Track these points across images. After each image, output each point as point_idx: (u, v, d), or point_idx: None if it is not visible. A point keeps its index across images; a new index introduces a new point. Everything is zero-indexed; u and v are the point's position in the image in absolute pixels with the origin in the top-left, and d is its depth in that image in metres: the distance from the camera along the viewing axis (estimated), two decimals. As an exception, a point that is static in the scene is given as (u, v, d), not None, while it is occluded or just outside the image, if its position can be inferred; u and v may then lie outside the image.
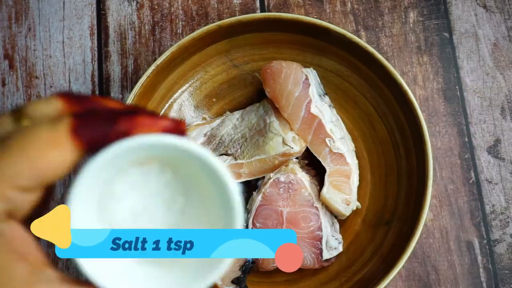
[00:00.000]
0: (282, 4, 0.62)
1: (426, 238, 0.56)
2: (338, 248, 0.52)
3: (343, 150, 0.53)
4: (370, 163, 0.56)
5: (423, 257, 0.56)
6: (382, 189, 0.55)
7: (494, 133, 0.59)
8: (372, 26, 0.62)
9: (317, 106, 0.53)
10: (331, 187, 0.53)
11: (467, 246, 0.56)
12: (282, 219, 0.52)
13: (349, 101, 0.57)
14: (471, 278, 0.55)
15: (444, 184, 0.58)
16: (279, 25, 0.55)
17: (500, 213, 0.57)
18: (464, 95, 0.60)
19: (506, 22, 0.62)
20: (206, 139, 0.55)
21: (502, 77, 0.60)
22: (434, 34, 0.61)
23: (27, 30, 0.63)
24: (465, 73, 0.61)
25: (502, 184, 0.58)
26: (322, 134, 0.53)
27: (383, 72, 0.54)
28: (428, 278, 0.56)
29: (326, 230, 0.52)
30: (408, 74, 0.61)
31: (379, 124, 0.56)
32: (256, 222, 0.52)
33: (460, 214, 0.57)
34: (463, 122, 0.59)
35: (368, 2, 0.62)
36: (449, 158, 0.58)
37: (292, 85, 0.53)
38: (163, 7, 0.63)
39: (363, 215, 0.55)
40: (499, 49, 0.61)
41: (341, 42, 0.54)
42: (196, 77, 0.58)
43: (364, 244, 0.54)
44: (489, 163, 0.58)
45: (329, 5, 0.62)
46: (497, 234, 0.56)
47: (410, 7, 0.62)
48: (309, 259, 0.51)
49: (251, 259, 0.52)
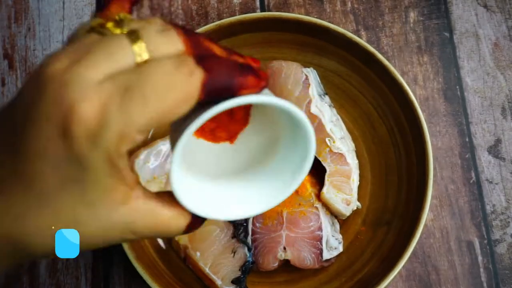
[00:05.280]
0: (282, 3, 0.62)
1: (426, 238, 0.56)
2: (338, 248, 0.52)
3: (343, 150, 0.53)
4: (370, 163, 0.56)
5: (423, 257, 0.56)
6: (382, 189, 0.55)
7: (495, 133, 0.59)
8: (373, 25, 0.62)
9: (317, 106, 0.53)
10: (331, 187, 0.52)
11: (468, 246, 0.56)
12: (282, 219, 0.51)
13: (349, 101, 0.57)
14: (471, 278, 0.55)
15: (445, 184, 0.58)
16: (279, 25, 0.55)
17: (500, 213, 0.57)
18: (465, 95, 0.60)
19: (507, 22, 0.61)
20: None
21: (503, 77, 0.60)
22: (434, 33, 0.61)
23: (26, 30, 0.63)
24: (466, 73, 0.60)
25: (502, 184, 0.57)
26: (322, 134, 0.53)
27: (383, 72, 0.54)
28: (429, 278, 0.56)
29: (326, 230, 0.52)
30: (409, 74, 0.60)
31: (379, 124, 0.56)
32: (256, 222, 0.52)
33: (461, 214, 0.57)
34: (464, 122, 0.59)
35: (369, 2, 0.62)
36: (449, 158, 0.58)
37: (292, 85, 0.52)
38: (163, 7, 0.63)
39: (363, 215, 0.55)
40: (499, 49, 0.61)
41: (341, 41, 0.54)
42: (196, 77, 0.58)
43: (365, 244, 0.54)
44: (490, 163, 0.58)
45: (329, 4, 0.62)
46: (498, 234, 0.56)
47: (411, 6, 0.62)
48: (309, 259, 0.51)
49: (251, 259, 0.51)
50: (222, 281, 0.51)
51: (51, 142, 0.25)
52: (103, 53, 0.26)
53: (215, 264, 0.51)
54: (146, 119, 0.25)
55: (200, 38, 0.29)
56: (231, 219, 0.31)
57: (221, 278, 0.51)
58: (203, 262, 0.51)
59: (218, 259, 0.51)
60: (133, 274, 0.56)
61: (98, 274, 0.57)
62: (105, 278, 0.57)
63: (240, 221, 0.53)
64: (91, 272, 0.57)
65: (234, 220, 0.53)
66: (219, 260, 0.51)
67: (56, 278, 0.57)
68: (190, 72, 0.26)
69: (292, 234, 0.51)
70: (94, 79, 0.25)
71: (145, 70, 0.26)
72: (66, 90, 0.25)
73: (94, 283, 0.56)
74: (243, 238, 0.52)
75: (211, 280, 0.51)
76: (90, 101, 0.25)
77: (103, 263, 0.57)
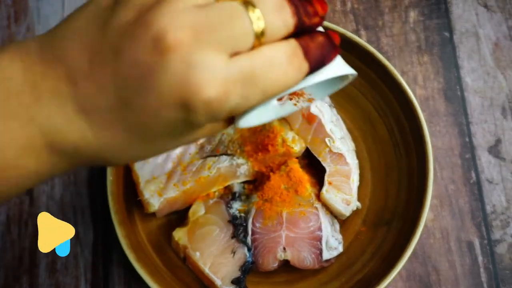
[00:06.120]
0: (282, 3, 0.62)
1: (426, 238, 0.56)
2: (338, 248, 0.52)
3: (343, 150, 0.52)
4: (370, 163, 0.56)
5: (423, 257, 0.56)
6: (382, 189, 0.55)
7: (495, 133, 0.59)
8: (372, 25, 0.62)
9: (317, 106, 0.53)
10: (331, 187, 0.52)
11: (468, 246, 0.56)
12: (282, 219, 0.51)
13: (350, 101, 0.57)
14: (471, 278, 0.55)
15: (445, 184, 0.58)
16: (279, 25, 0.55)
17: (500, 213, 0.57)
18: (465, 94, 0.60)
19: (507, 22, 0.61)
20: (206, 139, 0.55)
21: (503, 77, 0.60)
22: (434, 33, 0.61)
23: (26, 30, 0.63)
24: (466, 72, 0.60)
25: (503, 184, 0.57)
26: (322, 134, 0.53)
27: (383, 72, 0.53)
28: (429, 279, 0.55)
29: (326, 230, 0.51)
30: (409, 73, 0.60)
31: (379, 123, 0.56)
32: (255, 222, 0.52)
33: (461, 214, 0.57)
34: (464, 122, 0.59)
35: (368, 2, 0.62)
36: (449, 158, 0.58)
37: (292, 85, 0.52)
38: (163, 7, 0.63)
39: (363, 215, 0.55)
40: (500, 49, 0.61)
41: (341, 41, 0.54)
42: (195, 77, 0.58)
43: (365, 244, 0.54)
44: (490, 163, 0.58)
45: (329, 4, 0.62)
46: (498, 234, 0.56)
47: (411, 6, 0.62)
48: (309, 259, 0.51)
49: (251, 259, 0.51)
50: (222, 281, 0.51)
51: (167, 107, 0.28)
52: (226, 28, 0.28)
53: (215, 264, 0.51)
54: (257, 101, 0.30)
55: (308, 12, 0.31)
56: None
57: (221, 278, 0.51)
58: (202, 262, 0.51)
59: (218, 259, 0.51)
60: (133, 274, 0.56)
61: (98, 274, 0.57)
62: (105, 278, 0.56)
63: (240, 221, 0.52)
64: (90, 272, 0.57)
65: (234, 220, 0.53)
66: (218, 260, 0.51)
67: (55, 278, 0.57)
68: (299, 66, 0.30)
69: (292, 234, 0.51)
70: (220, 65, 0.28)
71: (263, 56, 0.29)
72: (194, 73, 0.27)
73: (94, 283, 0.56)
74: (242, 238, 0.52)
75: (211, 280, 0.51)
76: (215, 88, 0.28)
77: (103, 263, 0.57)
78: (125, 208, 0.53)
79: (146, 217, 0.54)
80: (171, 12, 0.27)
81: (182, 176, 0.53)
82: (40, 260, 0.57)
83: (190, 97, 0.28)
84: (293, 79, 0.30)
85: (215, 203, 0.54)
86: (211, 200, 0.54)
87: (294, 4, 0.30)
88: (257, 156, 0.53)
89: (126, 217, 0.53)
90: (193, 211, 0.54)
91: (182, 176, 0.53)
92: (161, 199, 0.52)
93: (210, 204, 0.54)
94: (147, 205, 0.52)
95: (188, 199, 0.54)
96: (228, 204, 0.54)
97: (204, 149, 0.55)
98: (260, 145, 0.53)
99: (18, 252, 0.57)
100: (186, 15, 0.27)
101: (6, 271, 0.57)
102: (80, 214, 0.58)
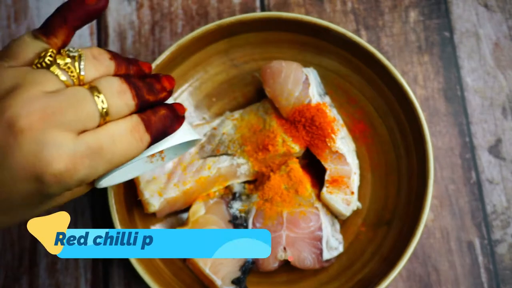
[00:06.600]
0: (282, 3, 0.62)
1: (426, 239, 0.56)
2: (339, 248, 0.52)
3: (343, 150, 0.52)
4: (371, 163, 0.56)
5: (423, 258, 0.56)
6: (382, 189, 0.55)
7: (495, 133, 0.59)
8: (373, 25, 0.62)
9: (317, 106, 0.53)
10: (332, 187, 0.52)
11: (468, 247, 0.56)
12: (283, 219, 0.51)
13: (350, 101, 0.57)
14: (472, 278, 0.55)
15: (445, 184, 0.58)
16: (279, 25, 0.55)
17: (501, 213, 0.57)
18: (465, 94, 0.60)
19: (507, 22, 0.61)
20: (206, 139, 0.55)
21: (503, 77, 0.60)
22: (434, 33, 0.61)
23: (26, 30, 0.63)
24: (466, 72, 0.60)
25: (503, 184, 0.57)
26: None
27: (383, 72, 0.53)
28: (429, 279, 0.55)
29: (327, 230, 0.51)
30: (409, 73, 0.60)
31: (379, 124, 0.56)
32: (256, 222, 0.52)
33: (461, 214, 0.57)
34: (464, 122, 0.59)
35: (369, 2, 0.62)
36: (450, 158, 0.58)
37: (292, 85, 0.52)
38: (163, 7, 0.63)
39: (363, 215, 0.55)
40: (500, 49, 0.61)
41: (342, 41, 0.54)
42: (195, 77, 0.58)
43: (365, 244, 0.54)
44: (490, 163, 0.58)
45: (329, 4, 0.62)
46: (498, 234, 0.56)
47: (411, 6, 0.62)
48: (309, 259, 0.51)
49: (251, 259, 0.51)
50: (222, 282, 0.51)
51: (22, 182, 0.32)
52: (73, 111, 0.32)
53: (215, 265, 0.51)
54: (105, 170, 0.35)
55: (155, 90, 0.37)
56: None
57: (221, 279, 0.51)
58: (203, 262, 0.51)
59: (218, 259, 0.51)
60: (133, 274, 0.56)
61: (98, 274, 0.57)
62: (105, 278, 0.56)
63: (240, 221, 0.52)
64: (91, 272, 0.57)
65: (235, 220, 0.53)
66: (219, 260, 0.51)
67: (55, 279, 0.56)
68: (141, 138, 0.35)
69: (292, 234, 0.51)
70: (67, 142, 0.32)
71: (107, 132, 0.34)
72: (44, 151, 0.31)
73: (94, 283, 0.56)
74: (243, 238, 0.52)
75: (211, 281, 0.51)
76: (64, 162, 0.32)
77: (103, 263, 0.57)
78: (125, 208, 0.53)
79: (146, 217, 0.54)
80: (24, 99, 0.32)
81: (182, 176, 0.53)
82: (40, 260, 0.57)
83: (41, 171, 0.32)
84: (136, 150, 0.35)
85: (215, 203, 0.54)
86: (212, 200, 0.54)
87: (134, 88, 0.35)
88: (258, 156, 0.53)
89: (126, 217, 0.53)
90: (193, 211, 0.54)
91: (182, 176, 0.53)
92: (161, 199, 0.52)
93: (211, 204, 0.54)
94: (147, 205, 0.52)
95: (188, 199, 0.54)
96: (228, 204, 0.54)
97: (204, 149, 0.55)
98: (260, 145, 0.53)
99: (18, 252, 0.57)
100: (37, 101, 0.32)
101: (6, 271, 0.57)
102: (80, 214, 0.58)
